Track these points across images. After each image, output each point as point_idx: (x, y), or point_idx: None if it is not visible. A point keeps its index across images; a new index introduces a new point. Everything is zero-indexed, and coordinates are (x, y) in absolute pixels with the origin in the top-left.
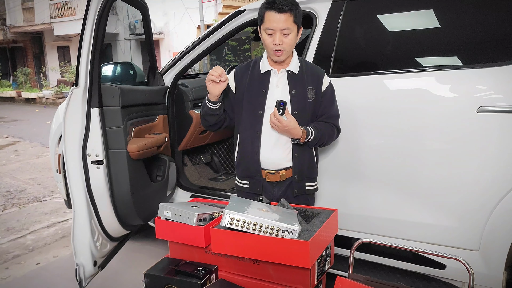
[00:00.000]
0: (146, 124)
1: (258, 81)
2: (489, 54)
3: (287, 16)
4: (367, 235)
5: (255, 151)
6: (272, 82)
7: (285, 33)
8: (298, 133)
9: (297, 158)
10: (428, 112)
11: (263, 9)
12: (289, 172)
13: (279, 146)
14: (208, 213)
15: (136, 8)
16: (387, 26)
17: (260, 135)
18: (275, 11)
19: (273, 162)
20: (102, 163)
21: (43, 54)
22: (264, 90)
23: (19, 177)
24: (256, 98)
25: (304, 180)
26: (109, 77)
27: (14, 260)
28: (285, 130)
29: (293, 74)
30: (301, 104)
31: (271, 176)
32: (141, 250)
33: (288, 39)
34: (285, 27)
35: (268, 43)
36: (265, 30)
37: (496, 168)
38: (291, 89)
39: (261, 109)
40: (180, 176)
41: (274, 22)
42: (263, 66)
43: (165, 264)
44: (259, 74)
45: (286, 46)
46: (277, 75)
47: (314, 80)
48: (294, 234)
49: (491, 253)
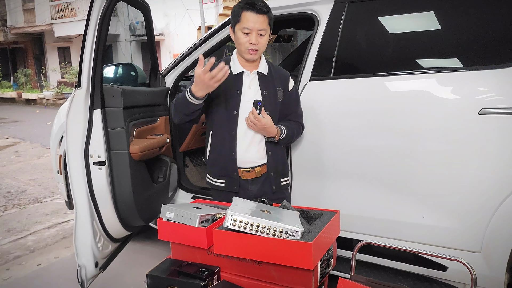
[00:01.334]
0: (147, 125)
1: (231, 82)
2: (491, 56)
3: (264, 18)
4: (368, 236)
5: (232, 150)
6: (245, 83)
7: (261, 33)
8: (274, 131)
9: (271, 156)
10: (430, 114)
11: (239, 9)
12: (264, 168)
13: (254, 144)
14: (210, 214)
15: (138, 9)
16: (388, 28)
17: (235, 135)
18: (255, 12)
19: (249, 160)
20: (104, 164)
21: (43, 55)
22: (237, 91)
23: (20, 178)
24: (231, 99)
25: (279, 176)
26: (110, 78)
27: (15, 261)
28: (263, 128)
29: (263, 76)
30: (272, 104)
31: (246, 174)
32: (142, 251)
33: (263, 39)
34: (262, 27)
35: (244, 42)
36: (242, 30)
37: (498, 169)
38: (263, 90)
39: (236, 110)
40: (182, 177)
41: (252, 23)
42: (234, 67)
43: (167, 265)
44: (231, 75)
45: (260, 46)
46: (249, 76)
47: (282, 81)
48: (296, 236)
49: (493, 255)
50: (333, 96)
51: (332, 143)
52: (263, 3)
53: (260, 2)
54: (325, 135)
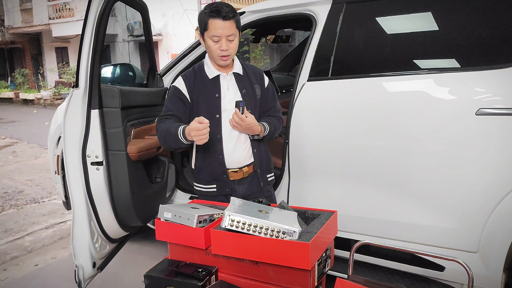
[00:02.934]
0: (145, 126)
1: (209, 86)
2: (488, 56)
3: (231, 23)
4: (366, 237)
5: (219, 153)
6: (223, 85)
7: (231, 39)
8: (258, 129)
9: (256, 153)
10: (427, 114)
11: (206, 17)
12: (250, 168)
13: (240, 145)
14: (208, 214)
15: (136, 9)
16: (386, 29)
17: (221, 138)
18: (221, 19)
19: (236, 161)
20: (101, 164)
21: (41, 55)
22: (217, 94)
23: (17, 178)
24: (211, 103)
25: (265, 172)
26: (108, 78)
27: (12, 262)
28: (248, 128)
29: (239, 75)
30: (252, 102)
31: (234, 175)
32: (140, 251)
33: (233, 44)
34: (230, 33)
35: (215, 49)
36: (211, 38)
37: (495, 170)
38: (242, 90)
39: (217, 113)
40: (179, 177)
41: (220, 29)
42: (210, 71)
43: (165, 265)
44: (208, 80)
45: (232, 50)
46: (226, 78)
47: (257, 79)
48: (294, 236)
49: (490, 255)
50: (331, 97)
51: (329, 144)
52: (228, 8)
53: (225, 7)
54: (323, 135)
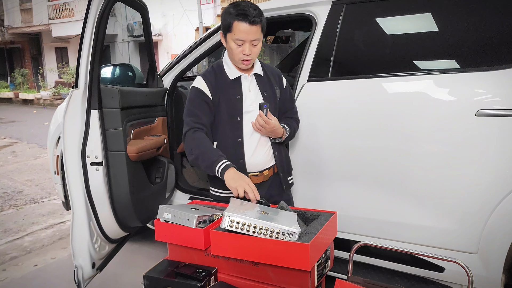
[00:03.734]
0: (145, 126)
1: (230, 87)
2: (488, 57)
3: (257, 28)
4: (366, 237)
5: (239, 158)
6: (245, 87)
7: (255, 43)
8: (281, 131)
9: (277, 156)
10: (427, 115)
11: (232, 18)
12: (271, 171)
13: (260, 148)
14: (207, 215)
15: (136, 10)
16: (386, 29)
17: (242, 142)
18: (248, 23)
19: (257, 164)
20: (101, 164)
21: (41, 55)
22: (238, 96)
23: (17, 179)
24: (233, 105)
25: (286, 175)
26: (108, 78)
27: (12, 262)
28: (272, 130)
29: (260, 76)
30: (273, 103)
31: (254, 179)
32: (140, 252)
33: (256, 48)
34: (255, 38)
35: (237, 52)
36: (234, 40)
37: (494, 171)
38: (263, 91)
39: (239, 115)
40: (179, 178)
41: (245, 34)
42: (230, 72)
43: (165, 266)
44: (229, 81)
45: (254, 55)
46: (248, 79)
47: (276, 80)
48: (294, 237)
49: (490, 256)
50: (331, 97)
51: (329, 144)
52: (256, 11)
53: (252, 10)
54: (323, 136)
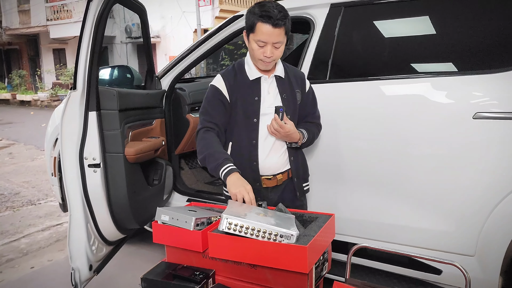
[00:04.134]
0: (143, 128)
1: (249, 88)
2: (485, 60)
3: (281, 31)
4: (363, 240)
5: (253, 160)
6: (264, 89)
7: (277, 46)
8: (297, 137)
9: (293, 161)
10: (425, 118)
11: (255, 19)
12: (285, 175)
13: (275, 151)
14: (205, 217)
15: (135, 12)
16: (384, 32)
17: (257, 144)
18: (271, 25)
19: (270, 167)
20: (99, 166)
21: (38, 56)
22: (256, 98)
23: (14, 180)
24: (250, 106)
25: (301, 181)
26: (106, 80)
27: (8, 264)
28: (286, 135)
29: (281, 79)
30: (292, 107)
31: (267, 182)
32: (137, 254)
33: (278, 51)
34: (277, 40)
35: (258, 54)
36: (256, 41)
37: (492, 173)
38: (282, 94)
39: (255, 117)
40: (177, 180)
41: (268, 36)
42: (250, 72)
43: (162, 268)
44: (248, 81)
45: (276, 57)
46: (267, 81)
47: (298, 83)
48: (291, 239)
49: (487, 258)
50: (329, 100)
51: (327, 147)
52: (280, 13)
53: (277, 12)
54: (320, 138)
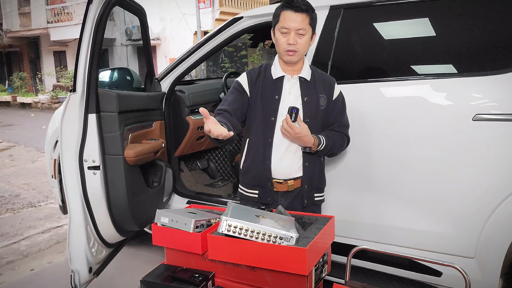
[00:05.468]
0: (143, 130)
1: (271, 86)
2: (485, 62)
3: (303, 17)
4: (363, 242)
5: (266, 158)
6: (285, 88)
7: (301, 33)
8: (310, 141)
9: (307, 167)
10: (424, 120)
11: (279, 9)
12: (297, 182)
13: (289, 154)
14: (205, 219)
15: (134, 14)
16: (383, 34)
17: (272, 142)
18: (292, 10)
19: (282, 171)
20: (98, 168)
21: (39, 59)
22: (277, 96)
23: (14, 182)
24: (269, 104)
25: (313, 191)
26: (106, 82)
27: (8, 266)
28: (297, 137)
29: (306, 81)
30: (313, 111)
31: (278, 186)
32: (137, 256)
33: (302, 40)
34: (300, 27)
35: (282, 42)
36: (280, 29)
37: (491, 175)
38: (304, 96)
39: (273, 116)
40: (177, 182)
41: (290, 21)
42: (275, 71)
43: (162, 270)
44: (271, 80)
45: (300, 47)
46: (290, 81)
47: (326, 88)
48: (291, 241)
49: (487, 260)
50: None
51: None
52: (303, 1)
53: (299, 0)
54: None
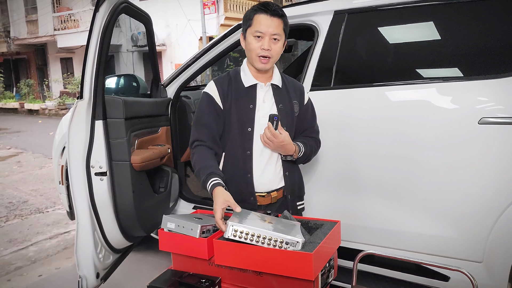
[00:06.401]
0: (149, 136)
1: (243, 95)
2: (491, 65)
3: (279, 22)
4: (370, 246)
5: (247, 172)
6: (259, 97)
7: (275, 38)
8: (292, 149)
9: (288, 176)
10: (430, 124)
11: (252, 12)
12: (280, 193)
13: (270, 165)
14: (211, 225)
15: (140, 21)
16: (388, 38)
17: (251, 155)
18: (268, 14)
19: (265, 183)
20: (105, 174)
21: (46, 65)
22: (251, 105)
23: (22, 188)
24: (244, 114)
25: (295, 199)
26: (112, 89)
27: (16, 272)
28: (280, 146)
29: (278, 88)
30: (289, 118)
31: (261, 199)
32: (143, 262)
33: (277, 46)
34: (276, 32)
35: (255, 47)
36: (253, 34)
37: (498, 179)
38: (278, 104)
39: (250, 126)
40: (183, 187)
41: (265, 26)
42: (246, 79)
43: (168, 276)
44: (243, 88)
45: (274, 53)
46: (263, 89)
47: (297, 94)
48: (297, 246)
49: (495, 265)
50: (334, 106)
51: (332, 153)
52: (278, 6)
53: (274, 5)
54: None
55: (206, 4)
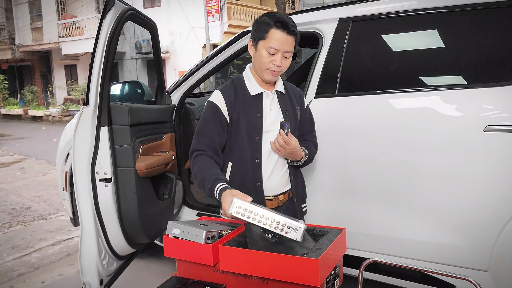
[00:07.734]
0: (154, 142)
1: (250, 104)
2: (496, 73)
3: (293, 40)
4: (375, 254)
5: (257, 180)
6: (266, 105)
7: (287, 56)
8: (301, 154)
9: (293, 180)
10: (435, 131)
11: (269, 26)
12: (286, 196)
13: (277, 171)
14: (216, 231)
15: (146, 28)
16: (392, 46)
17: (260, 163)
18: (287, 32)
19: (272, 188)
20: (110, 181)
21: (50, 72)
22: (258, 114)
23: (25, 195)
24: (252, 123)
25: (300, 202)
26: (117, 95)
27: (19, 279)
28: (292, 152)
29: (282, 94)
30: (293, 124)
31: (269, 203)
32: (147, 268)
33: (287, 61)
34: (289, 49)
35: (266, 61)
36: (267, 48)
37: (504, 186)
38: (283, 110)
39: (258, 135)
40: (187, 194)
41: (281, 43)
42: (252, 87)
43: (173, 283)
44: (249, 97)
45: (283, 68)
46: (269, 97)
47: (297, 100)
48: (299, 232)
49: (502, 273)
50: (338, 113)
51: (336, 160)
52: (294, 23)
53: (292, 22)
54: (330, 151)
55: (210, 12)
